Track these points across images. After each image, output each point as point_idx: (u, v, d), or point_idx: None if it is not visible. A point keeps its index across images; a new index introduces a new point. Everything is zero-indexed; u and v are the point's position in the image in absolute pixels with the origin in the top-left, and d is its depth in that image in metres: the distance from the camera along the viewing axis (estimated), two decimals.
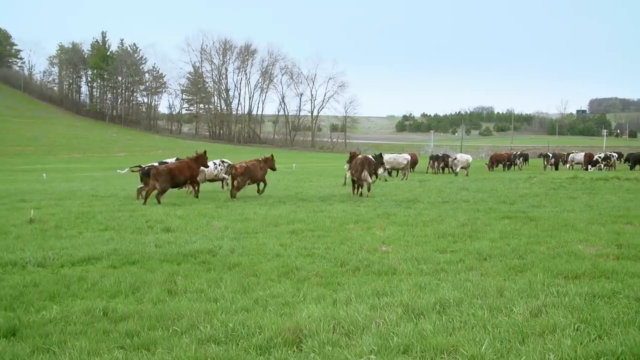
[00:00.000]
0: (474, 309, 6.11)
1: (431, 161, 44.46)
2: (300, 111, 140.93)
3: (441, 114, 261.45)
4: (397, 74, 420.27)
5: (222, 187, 23.62)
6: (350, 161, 25.03)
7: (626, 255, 9.03)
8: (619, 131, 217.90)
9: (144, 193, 18.76)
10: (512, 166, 48.45)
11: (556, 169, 47.76)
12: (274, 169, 21.36)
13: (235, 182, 19.41)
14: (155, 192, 18.18)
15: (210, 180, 22.62)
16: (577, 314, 5.85)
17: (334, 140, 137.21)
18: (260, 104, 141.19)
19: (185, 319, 6.13)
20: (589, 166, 45.66)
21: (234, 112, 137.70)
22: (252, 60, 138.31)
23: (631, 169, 46.79)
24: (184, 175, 18.93)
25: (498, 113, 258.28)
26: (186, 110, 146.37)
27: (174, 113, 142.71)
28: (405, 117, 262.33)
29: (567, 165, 48.68)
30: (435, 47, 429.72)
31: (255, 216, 14.44)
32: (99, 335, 5.76)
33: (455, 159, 39.33)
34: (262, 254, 9.67)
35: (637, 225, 12.23)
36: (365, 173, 19.77)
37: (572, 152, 54.62)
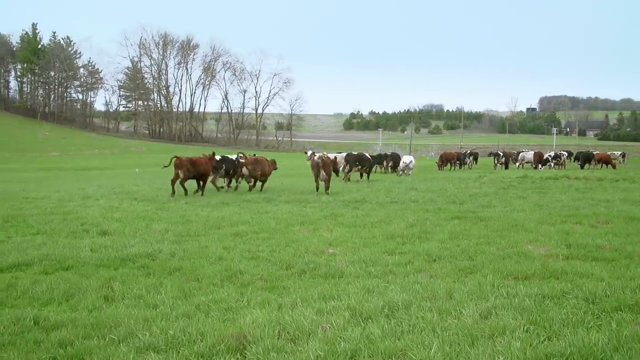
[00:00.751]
0: (423, 312, 6.25)
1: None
2: (244, 108, 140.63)
3: (390, 111, 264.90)
4: (345, 70, 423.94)
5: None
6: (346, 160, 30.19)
7: (575, 255, 9.39)
8: (568, 129, 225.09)
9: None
10: (462, 165, 49.49)
11: (506, 167, 49.08)
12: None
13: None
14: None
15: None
16: (527, 315, 6.06)
17: (280, 138, 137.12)
18: (203, 101, 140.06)
19: (122, 327, 6.06)
20: (539, 165, 47.09)
21: (174, 110, 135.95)
22: (193, 56, 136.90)
23: (581, 167, 48.53)
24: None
25: (448, 111, 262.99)
26: (124, 107, 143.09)
27: (111, 110, 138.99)
28: (353, 115, 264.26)
29: (517, 164, 50.09)
30: (384, 44, 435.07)
31: (197, 218, 14.36)
32: (29, 346, 5.63)
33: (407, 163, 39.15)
34: (204, 257, 9.63)
35: (586, 225, 12.70)
36: (322, 173, 21.83)
37: (523, 151, 56.27)
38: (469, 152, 55.20)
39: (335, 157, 28.60)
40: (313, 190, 21.67)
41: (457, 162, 49.17)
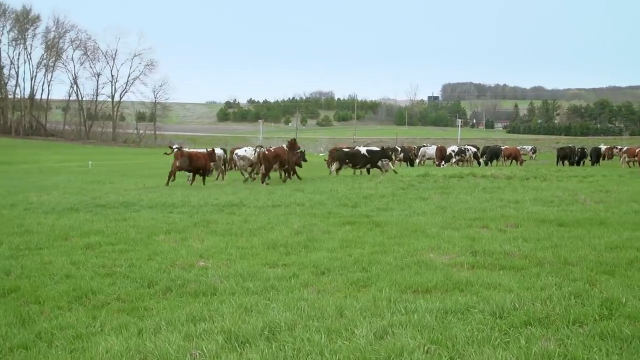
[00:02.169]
0: (309, 333, 6.30)
1: None
2: (97, 95, 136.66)
3: (272, 100, 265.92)
4: (220, 52, 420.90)
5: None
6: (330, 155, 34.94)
7: (482, 263, 9.78)
8: (475, 121, 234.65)
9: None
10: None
11: (411, 164, 50.54)
12: None
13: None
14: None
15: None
16: (428, 333, 6.24)
17: (141, 131, 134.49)
18: (46, 86, 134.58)
19: None
20: (442, 161, 48.77)
21: (10, 96, 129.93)
22: (33, 30, 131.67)
23: (486, 164, 50.74)
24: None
25: (339, 99, 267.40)
26: None
27: None
28: (228, 104, 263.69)
29: (418, 161, 51.69)
30: (266, 23, 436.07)
31: (39, 227, 13.87)
32: None
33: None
34: (47, 275, 9.28)
35: (494, 229, 13.27)
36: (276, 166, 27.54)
37: (424, 146, 58.15)
38: (363, 146, 56.31)
39: (213, 150, 31.39)
40: (183, 193, 21.20)
41: None
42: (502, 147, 56.24)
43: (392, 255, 10.48)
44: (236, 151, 34.22)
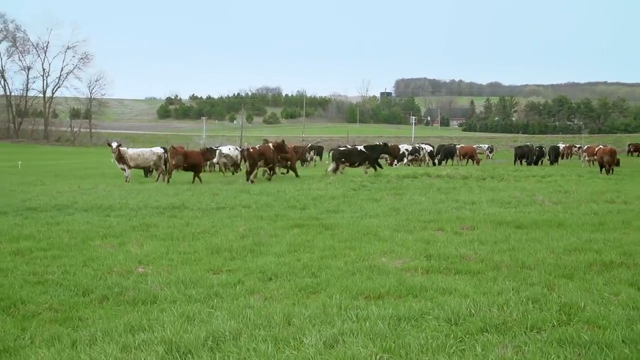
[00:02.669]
0: (255, 342, 6.30)
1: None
2: (28, 91, 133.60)
3: (216, 96, 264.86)
4: (159, 46, 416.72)
5: None
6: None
7: (436, 268, 9.89)
8: (429, 118, 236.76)
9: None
10: (303, 162, 50.41)
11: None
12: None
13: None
14: None
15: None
16: (380, 341, 6.29)
17: (76, 129, 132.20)
18: None
19: None
20: (395, 161, 49.13)
21: None
22: None
23: (439, 163, 51.32)
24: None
25: (287, 95, 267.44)
26: None
27: None
28: (169, 100, 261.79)
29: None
30: (207, 15, 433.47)
31: None
32: None
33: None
34: None
35: (449, 232, 13.44)
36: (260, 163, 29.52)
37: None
38: (309, 145, 56.34)
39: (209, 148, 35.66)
40: (120, 194, 21.11)
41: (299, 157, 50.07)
42: (458, 146, 56.83)
43: (342, 259, 10.53)
44: (220, 148, 37.80)
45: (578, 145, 77.44)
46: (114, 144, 31.98)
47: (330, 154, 34.96)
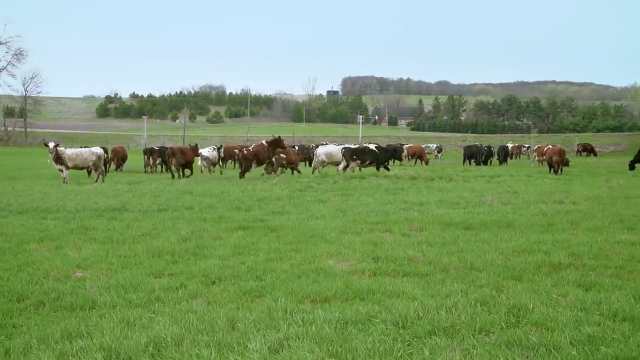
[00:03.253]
0: (198, 348, 6.28)
1: (146, 156, 44.59)
2: None
3: (157, 94, 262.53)
4: (98, 43, 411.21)
5: None
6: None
7: (384, 270, 9.97)
8: (377, 117, 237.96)
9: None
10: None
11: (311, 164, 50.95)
12: None
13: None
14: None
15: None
16: (326, 346, 6.33)
17: (10, 129, 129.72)
18: None
19: None
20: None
21: None
22: None
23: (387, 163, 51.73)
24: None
25: (231, 94, 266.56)
26: None
27: None
28: (109, 99, 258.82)
29: (315, 162, 52.03)
30: (146, 10, 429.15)
31: None
32: None
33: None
34: None
35: (397, 234, 13.55)
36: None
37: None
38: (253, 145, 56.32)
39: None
40: (57, 196, 20.90)
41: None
42: (405, 146, 57.30)
43: (288, 262, 10.56)
44: (200, 151, 39.94)
45: (527, 145, 78.80)
46: (51, 144, 31.52)
47: (342, 152, 35.52)
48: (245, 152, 32.63)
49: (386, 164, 37.76)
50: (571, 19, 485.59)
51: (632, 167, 40.76)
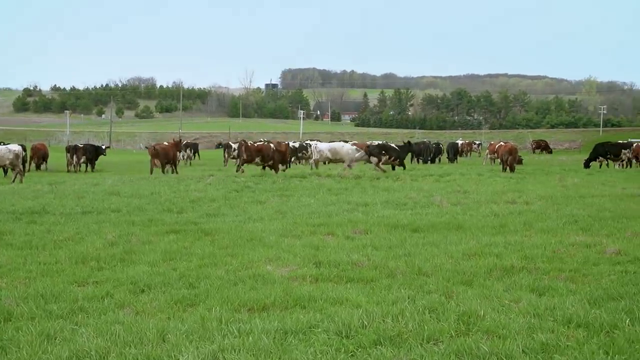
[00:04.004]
0: None
1: (69, 154, 44.02)
2: None
3: (81, 87, 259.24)
4: (14, 31, 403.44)
5: None
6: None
7: (326, 276, 10.00)
8: (319, 112, 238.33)
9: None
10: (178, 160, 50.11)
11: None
12: None
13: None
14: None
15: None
16: (264, 358, 6.33)
17: None
18: None
19: None
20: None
21: None
22: None
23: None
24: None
25: (162, 87, 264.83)
26: None
27: None
28: (27, 92, 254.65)
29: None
30: None
31: None
32: None
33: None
34: None
35: (341, 237, 13.61)
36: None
37: (260, 141, 58.55)
38: (185, 142, 56.04)
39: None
40: None
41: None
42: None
43: (223, 268, 10.53)
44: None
45: (478, 142, 79.67)
46: None
47: (370, 150, 37.15)
48: (250, 145, 36.25)
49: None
50: (524, 10, 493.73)
51: (587, 165, 41.55)
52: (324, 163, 39.26)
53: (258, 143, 36.70)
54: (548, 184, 27.55)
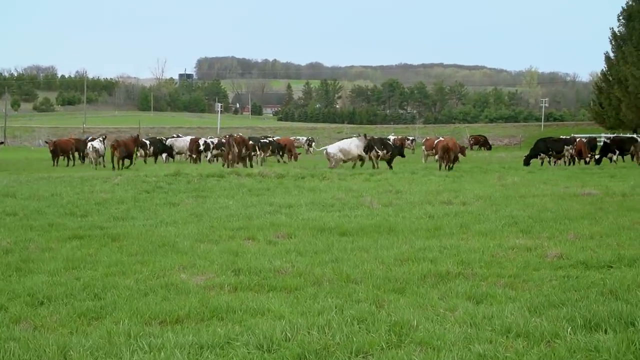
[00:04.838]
0: None
1: None
2: None
3: None
4: None
5: None
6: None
7: (246, 284, 10.00)
8: (238, 105, 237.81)
9: None
10: (84, 158, 49.36)
11: (172, 157, 50.87)
12: None
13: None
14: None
15: None
16: None
17: None
18: None
19: None
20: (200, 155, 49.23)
21: None
22: None
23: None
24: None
25: (64, 77, 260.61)
26: None
27: None
28: None
29: (164, 156, 51.60)
30: None
31: None
32: None
33: None
34: None
35: (262, 241, 13.63)
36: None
37: (173, 136, 58.28)
38: (89, 138, 55.29)
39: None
40: None
41: (78, 152, 49.02)
42: (273, 138, 57.48)
43: (132, 277, 10.45)
44: (90, 143, 44.48)
45: (411, 137, 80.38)
46: None
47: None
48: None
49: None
50: None
51: (527, 162, 42.13)
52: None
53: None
54: (486, 183, 27.85)
